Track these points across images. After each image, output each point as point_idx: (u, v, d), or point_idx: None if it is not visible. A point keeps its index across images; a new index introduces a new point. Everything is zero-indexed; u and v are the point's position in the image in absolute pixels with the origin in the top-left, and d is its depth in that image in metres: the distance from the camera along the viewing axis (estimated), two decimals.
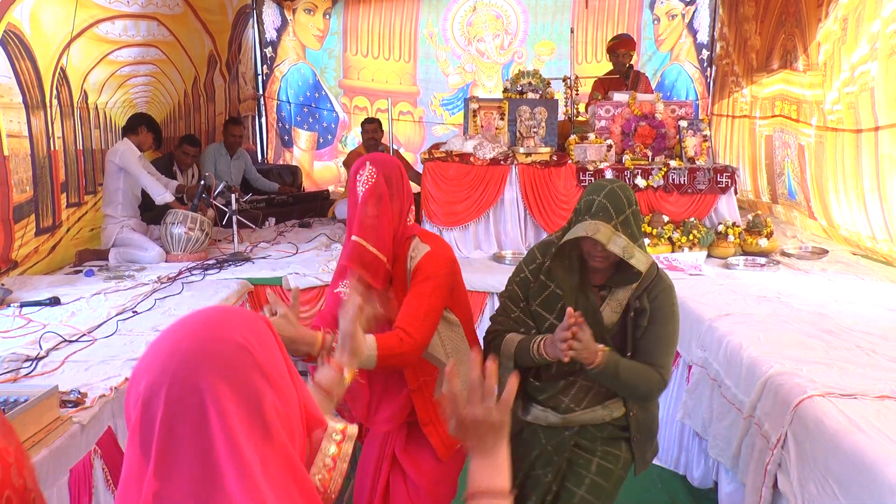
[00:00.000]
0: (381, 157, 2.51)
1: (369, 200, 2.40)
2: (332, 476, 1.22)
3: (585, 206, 2.37)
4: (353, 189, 2.46)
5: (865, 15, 5.22)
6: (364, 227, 2.38)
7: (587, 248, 2.41)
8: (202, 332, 1.03)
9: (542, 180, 5.42)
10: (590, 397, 2.58)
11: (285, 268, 5.06)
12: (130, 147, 5.40)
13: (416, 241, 2.47)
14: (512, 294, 2.62)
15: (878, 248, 5.22)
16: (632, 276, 2.43)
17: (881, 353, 3.33)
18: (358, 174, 2.45)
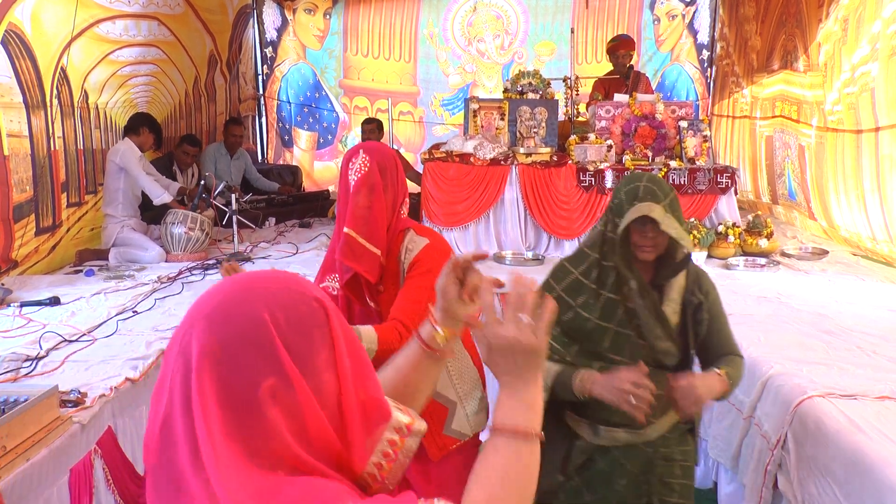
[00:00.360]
0: (374, 145, 2.43)
1: (361, 190, 2.31)
2: (391, 467, 1.14)
3: (629, 194, 2.27)
4: (344, 177, 2.36)
5: (866, 16, 5.22)
6: (356, 219, 2.29)
7: (636, 238, 2.29)
8: (235, 293, 1.03)
9: (543, 181, 5.42)
10: (662, 403, 2.37)
11: (285, 268, 5.05)
12: (131, 147, 5.40)
13: (411, 234, 2.39)
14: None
15: (879, 248, 5.22)
16: (677, 266, 2.36)
17: (881, 354, 3.33)
18: (350, 162, 2.35)
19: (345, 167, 2.37)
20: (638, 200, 2.24)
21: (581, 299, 2.35)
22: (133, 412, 3.09)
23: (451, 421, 2.47)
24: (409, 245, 2.36)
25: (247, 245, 5.76)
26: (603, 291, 2.34)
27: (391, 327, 2.22)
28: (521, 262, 5.18)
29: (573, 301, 2.35)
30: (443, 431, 2.45)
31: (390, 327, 2.22)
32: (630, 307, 2.32)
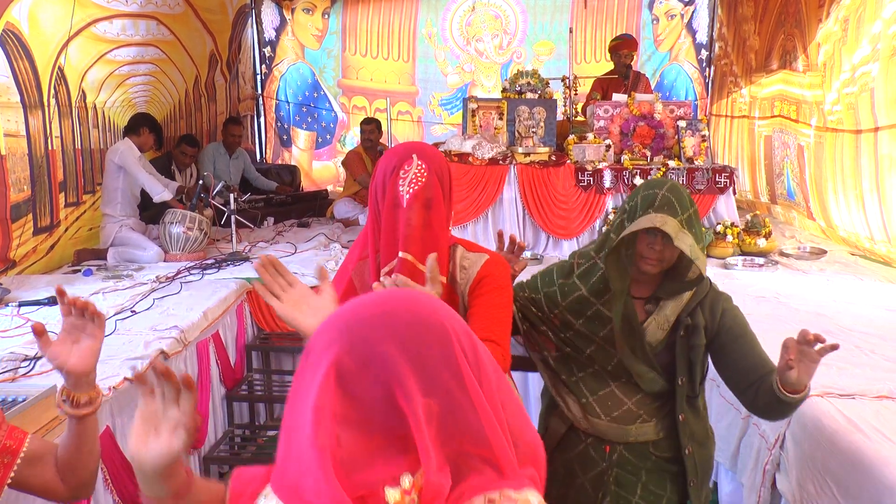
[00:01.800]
0: (428, 148, 1.99)
1: (417, 205, 1.89)
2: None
3: (646, 200, 2.12)
4: (391, 189, 1.92)
5: (866, 16, 5.23)
6: (411, 240, 1.88)
7: (641, 248, 2.15)
8: (421, 308, 1.03)
9: (541, 180, 5.42)
10: (622, 411, 2.28)
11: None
12: (130, 147, 5.40)
13: (461, 251, 2.07)
14: (532, 283, 2.42)
15: (877, 248, 5.22)
16: (685, 285, 2.21)
17: (879, 354, 3.33)
18: (401, 171, 1.91)
19: (391, 176, 1.93)
20: (653, 209, 2.10)
21: (561, 283, 2.33)
22: (131, 412, 3.08)
23: None
24: (462, 263, 2.05)
25: (245, 244, 5.76)
26: (582, 288, 2.26)
27: (492, 352, 1.96)
28: None
29: (556, 280, 2.35)
30: None
31: (492, 352, 1.98)
32: (603, 312, 2.22)
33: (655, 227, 2.06)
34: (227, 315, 4.48)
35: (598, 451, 2.30)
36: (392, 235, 1.91)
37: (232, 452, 4.15)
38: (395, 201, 1.91)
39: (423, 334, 0.99)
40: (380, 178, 1.96)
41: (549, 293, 2.34)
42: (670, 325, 2.22)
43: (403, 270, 1.86)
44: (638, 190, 2.20)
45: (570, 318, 2.28)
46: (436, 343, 0.99)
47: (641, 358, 2.22)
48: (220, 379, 4.29)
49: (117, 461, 2.84)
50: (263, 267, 1.73)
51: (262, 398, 4.67)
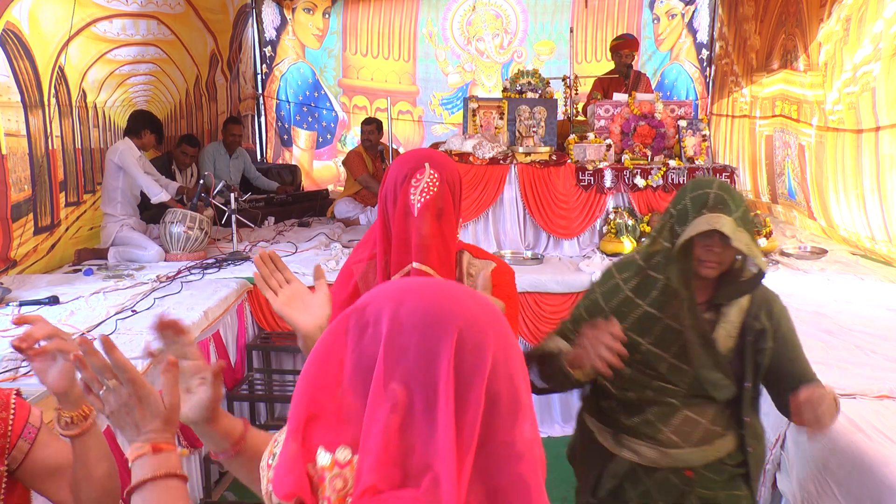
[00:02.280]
0: (440, 157, 1.98)
1: (429, 215, 1.89)
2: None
3: (697, 201, 2.03)
4: (402, 197, 1.90)
5: (868, 15, 5.22)
6: (426, 250, 1.88)
7: (699, 252, 2.06)
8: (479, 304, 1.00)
9: (542, 180, 5.41)
10: (702, 433, 2.18)
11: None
12: (130, 147, 5.40)
13: (468, 257, 2.06)
14: (577, 316, 2.26)
15: (878, 248, 5.22)
16: (743, 287, 2.13)
17: (880, 353, 3.33)
18: (413, 179, 1.90)
19: (402, 184, 1.91)
20: (707, 210, 2.00)
21: (614, 304, 2.18)
22: None
23: None
24: (469, 269, 2.05)
25: (246, 244, 5.76)
26: (642, 303, 2.14)
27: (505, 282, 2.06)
28: (520, 261, 5.17)
29: (605, 305, 2.19)
30: None
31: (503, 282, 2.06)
32: (672, 326, 2.11)
33: (713, 229, 1.99)
34: (228, 314, 4.48)
35: (680, 477, 2.21)
36: (404, 244, 1.90)
37: None
38: (406, 210, 1.89)
39: (435, 327, 0.95)
40: (391, 184, 1.93)
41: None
42: (738, 332, 2.15)
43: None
44: (685, 191, 2.10)
45: (637, 338, 2.13)
46: (441, 339, 0.94)
47: (717, 368, 2.13)
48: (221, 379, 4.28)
49: (118, 461, 2.84)
50: (262, 260, 1.72)
51: (262, 398, 4.67)
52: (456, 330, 0.94)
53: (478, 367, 0.95)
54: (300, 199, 7.75)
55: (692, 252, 2.06)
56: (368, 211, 7.06)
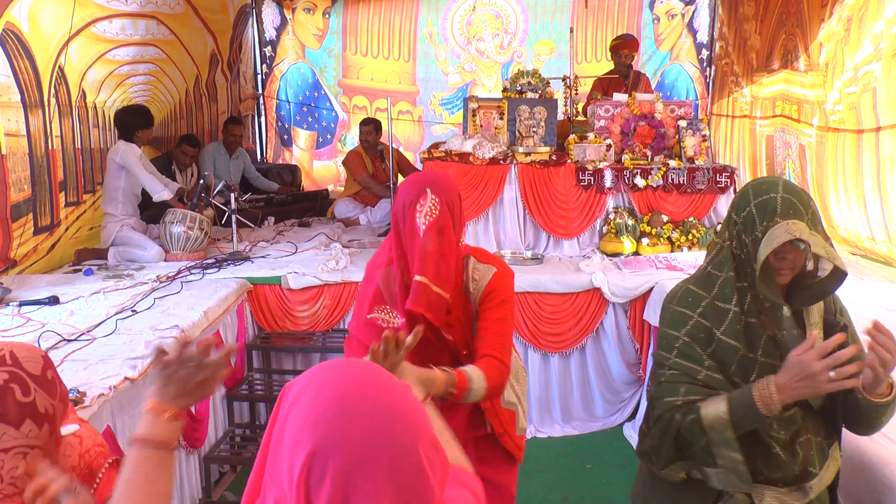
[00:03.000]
0: (440, 181, 2.28)
1: (432, 235, 2.20)
2: None
3: (764, 208, 1.91)
4: (410, 220, 2.23)
5: (868, 16, 5.22)
6: (427, 264, 2.18)
7: (772, 260, 1.94)
8: (377, 424, 0.97)
9: (542, 180, 5.41)
10: (821, 450, 2.05)
11: (284, 267, 5.05)
12: (131, 146, 5.40)
13: (473, 262, 2.37)
14: (686, 351, 2.02)
15: (878, 248, 5.22)
16: (825, 288, 2.01)
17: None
18: (418, 204, 2.22)
19: (410, 208, 2.23)
20: (779, 217, 1.88)
21: (724, 326, 2.00)
22: (132, 411, 3.09)
23: (518, 421, 2.55)
24: (474, 274, 2.36)
25: (246, 244, 5.76)
26: (746, 316, 1.99)
27: (491, 365, 2.23)
28: (520, 261, 5.17)
29: (717, 329, 2.00)
30: (516, 433, 2.55)
31: (491, 365, 2.23)
32: (771, 335, 1.99)
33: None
34: (228, 314, 4.48)
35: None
36: (414, 259, 2.23)
37: (232, 452, 4.15)
38: (413, 230, 2.22)
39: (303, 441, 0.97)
40: (400, 206, 2.27)
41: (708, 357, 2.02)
42: (822, 332, 2.07)
43: (419, 291, 2.17)
44: (746, 196, 1.97)
45: (751, 356, 2.00)
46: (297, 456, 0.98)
47: None
48: None
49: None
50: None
51: (262, 398, 4.67)
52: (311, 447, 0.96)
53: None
54: (300, 199, 7.75)
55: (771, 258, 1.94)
56: (368, 211, 7.06)
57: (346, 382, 1.01)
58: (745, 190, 2.01)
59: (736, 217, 2.00)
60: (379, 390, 1.01)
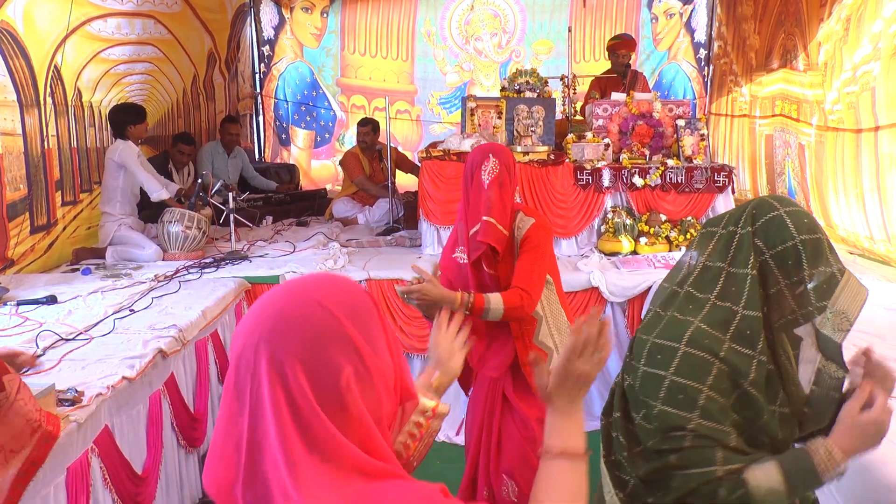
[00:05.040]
0: (498, 148, 2.96)
1: (494, 187, 2.87)
2: (416, 446, 1.29)
3: (816, 249, 1.67)
4: (477, 177, 2.90)
5: (867, 15, 5.22)
6: (492, 209, 2.84)
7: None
8: (293, 298, 1.09)
9: (540, 179, 5.41)
10: None
11: (282, 266, 5.05)
12: (129, 145, 5.38)
13: (520, 215, 2.94)
14: (712, 409, 1.66)
15: (876, 248, 5.22)
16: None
17: (878, 353, 3.32)
18: (483, 165, 2.90)
19: (476, 168, 2.91)
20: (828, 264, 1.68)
21: (753, 375, 1.70)
22: (130, 411, 3.09)
23: (549, 364, 2.73)
24: (519, 224, 2.93)
25: (244, 243, 5.75)
26: (768, 364, 1.73)
27: (515, 293, 2.78)
28: None
29: (743, 380, 1.69)
30: (547, 388, 2.79)
31: (514, 293, 2.79)
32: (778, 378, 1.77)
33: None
34: (226, 314, 4.47)
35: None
36: (477, 208, 2.87)
37: None
38: (479, 185, 2.90)
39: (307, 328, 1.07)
40: (469, 169, 2.96)
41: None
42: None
43: (487, 228, 2.82)
44: (783, 224, 1.69)
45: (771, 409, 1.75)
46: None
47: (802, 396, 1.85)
48: (219, 378, 4.28)
49: (116, 460, 2.84)
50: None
51: None
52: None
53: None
54: (298, 199, 7.74)
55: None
56: (367, 210, 7.04)
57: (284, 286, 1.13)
58: (779, 217, 1.71)
59: (764, 246, 1.70)
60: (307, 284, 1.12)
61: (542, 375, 1.47)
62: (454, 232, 3.13)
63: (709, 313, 1.72)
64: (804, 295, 1.68)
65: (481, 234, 2.83)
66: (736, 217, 1.77)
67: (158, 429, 3.30)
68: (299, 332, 1.05)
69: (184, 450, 3.68)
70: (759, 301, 1.69)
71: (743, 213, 1.76)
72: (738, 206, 1.82)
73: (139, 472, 3.05)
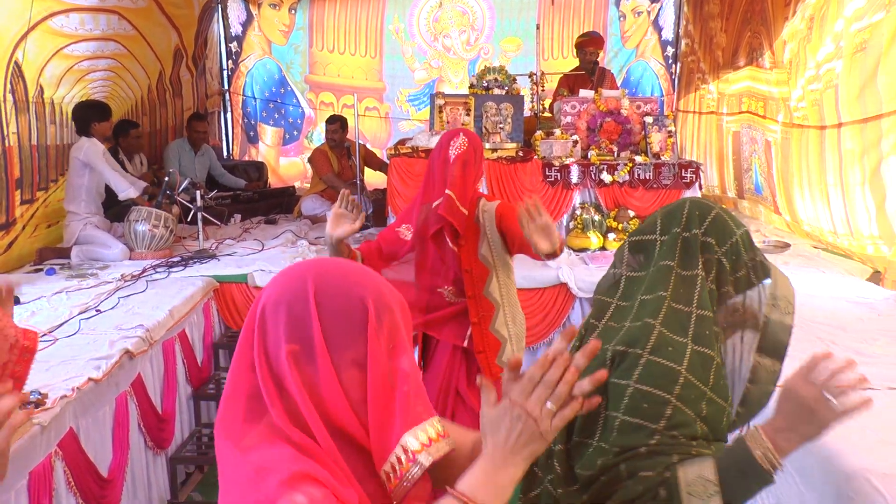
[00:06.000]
0: (471, 133, 3.04)
1: (458, 162, 2.90)
2: (396, 483, 1.16)
3: (749, 241, 1.71)
4: (444, 150, 2.95)
5: (829, 14, 5.29)
6: (454, 182, 2.88)
7: None
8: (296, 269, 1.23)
9: (508, 176, 5.42)
10: None
11: (251, 265, 5.02)
12: (95, 143, 5.31)
13: (483, 201, 3.03)
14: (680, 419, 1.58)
15: (839, 242, 5.29)
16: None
17: (840, 345, 3.39)
18: (452, 140, 2.95)
19: (445, 144, 2.96)
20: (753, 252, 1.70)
21: (712, 382, 1.64)
22: (95, 413, 3.05)
23: (502, 353, 3.02)
24: (483, 207, 3.00)
25: (212, 242, 5.71)
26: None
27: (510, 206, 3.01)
28: None
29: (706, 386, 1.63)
30: (496, 361, 3.01)
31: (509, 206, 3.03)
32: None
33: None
34: (194, 313, 4.44)
35: None
36: (441, 182, 2.91)
37: (199, 452, 4.10)
38: (445, 158, 2.93)
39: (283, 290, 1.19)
40: (438, 145, 3.00)
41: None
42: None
43: (448, 202, 2.84)
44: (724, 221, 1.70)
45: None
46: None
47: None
48: (187, 378, 4.25)
49: (81, 463, 2.80)
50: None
51: None
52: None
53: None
54: (267, 197, 7.69)
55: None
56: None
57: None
58: (719, 214, 1.72)
59: (716, 244, 1.68)
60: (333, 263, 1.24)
61: (487, 400, 1.21)
62: (406, 210, 3.16)
63: (670, 317, 1.64)
64: (750, 284, 1.69)
65: (442, 208, 2.86)
66: (676, 220, 1.72)
67: (125, 430, 3.27)
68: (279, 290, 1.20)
69: (151, 451, 3.64)
70: (709, 301, 1.66)
71: (681, 216, 1.71)
72: (664, 213, 1.76)
73: (105, 475, 3.02)
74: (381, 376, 1.16)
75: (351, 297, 1.16)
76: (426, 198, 3.00)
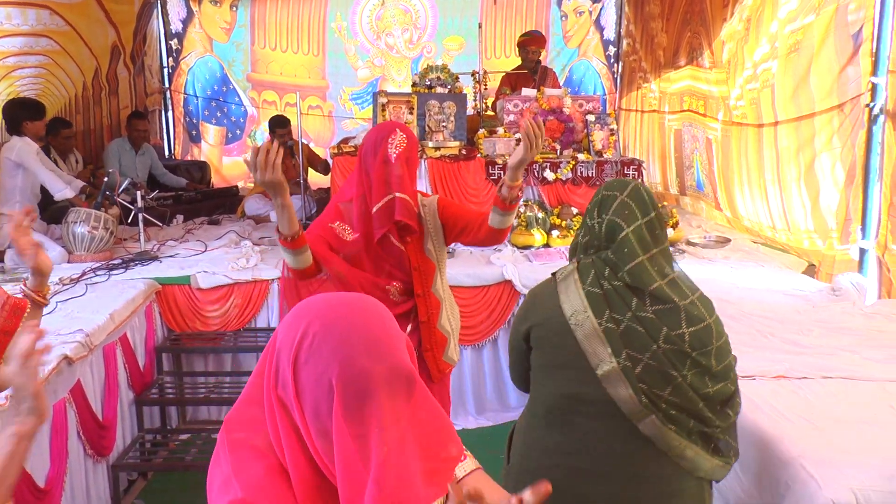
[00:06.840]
0: (403, 126, 2.91)
1: (401, 162, 2.79)
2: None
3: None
4: (382, 150, 2.79)
5: (765, 16, 5.42)
6: (402, 184, 2.79)
7: None
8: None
9: (452, 174, 5.43)
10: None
11: (194, 266, 4.94)
12: (27, 142, 5.17)
13: (420, 197, 2.97)
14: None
15: (778, 237, 5.43)
16: None
17: (778, 336, 3.47)
18: (390, 138, 2.80)
19: (382, 142, 2.80)
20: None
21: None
22: None
23: (448, 349, 3.03)
24: (424, 202, 2.96)
25: (153, 244, 5.60)
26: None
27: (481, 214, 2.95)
28: None
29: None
30: (443, 357, 3.01)
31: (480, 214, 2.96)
32: None
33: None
34: (136, 317, 4.35)
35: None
36: (383, 183, 2.79)
37: (142, 458, 4.02)
38: (385, 159, 2.79)
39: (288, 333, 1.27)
40: (371, 143, 2.84)
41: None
42: None
43: (399, 204, 2.77)
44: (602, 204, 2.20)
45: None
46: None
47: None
48: (129, 383, 4.17)
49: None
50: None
51: (173, 401, 4.56)
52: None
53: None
54: (209, 197, 7.57)
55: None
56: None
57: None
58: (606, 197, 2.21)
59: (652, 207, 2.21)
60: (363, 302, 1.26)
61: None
62: (333, 209, 3.00)
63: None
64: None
65: (398, 211, 2.77)
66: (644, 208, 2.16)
67: (63, 438, 3.19)
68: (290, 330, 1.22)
69: (91, 459, 3.56)
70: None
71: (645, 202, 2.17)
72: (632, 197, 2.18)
73: (42, 486, 2.94)
74: (347, 460, 1.11)
75: (322, 376, 1.15)
76: (367, 200, 2.86)
